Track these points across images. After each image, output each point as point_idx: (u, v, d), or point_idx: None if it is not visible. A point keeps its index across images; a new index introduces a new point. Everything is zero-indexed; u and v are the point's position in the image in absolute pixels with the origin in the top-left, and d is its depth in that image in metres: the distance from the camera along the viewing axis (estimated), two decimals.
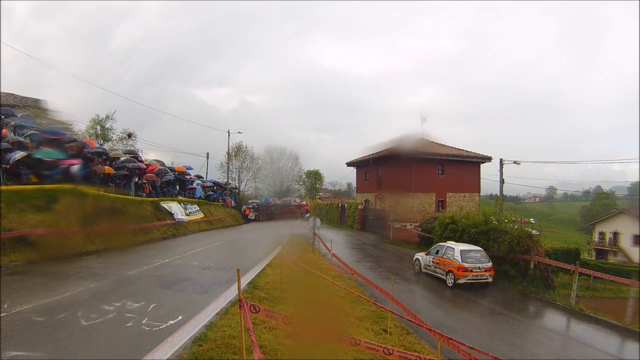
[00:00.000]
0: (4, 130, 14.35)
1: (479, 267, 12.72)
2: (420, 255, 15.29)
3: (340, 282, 10.87)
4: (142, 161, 23.02)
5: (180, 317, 6.14)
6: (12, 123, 15.98)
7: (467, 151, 28.48)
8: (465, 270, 12.67)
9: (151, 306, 6.75)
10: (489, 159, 27.79)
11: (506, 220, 14.85)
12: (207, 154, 37.61)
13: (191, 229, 21.57)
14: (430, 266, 14.27)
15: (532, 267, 12.90)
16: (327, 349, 5.08)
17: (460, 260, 12.85)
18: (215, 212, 28.28)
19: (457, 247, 13.45)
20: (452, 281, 12.83)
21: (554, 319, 10.34)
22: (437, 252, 14.19)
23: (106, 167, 17.39)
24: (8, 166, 12.71)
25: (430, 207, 26.44)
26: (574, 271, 11.64)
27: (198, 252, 14.18)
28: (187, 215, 22.38)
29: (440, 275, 13.59)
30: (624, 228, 43.54)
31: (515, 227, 13.92)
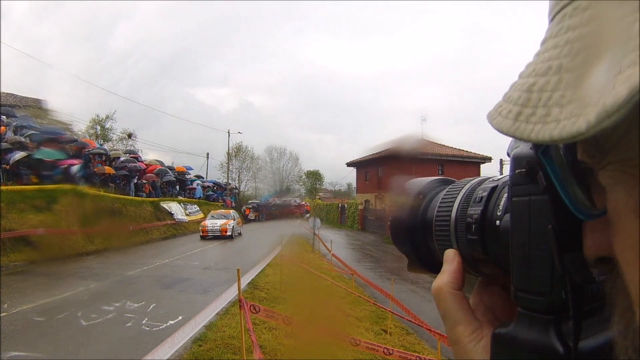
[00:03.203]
0: (1, 128, 14.35)
1: None
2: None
3: (340, 282, 10.86)
4: (142, 161, 23.05)
5: (180, 317, 6.14)
6: (13, 123, 15.99)
7: (467, 151, 28.47)
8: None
9: (151, 306, 6.76)
10: (489, 159, 27.79)
11: None
12: (207, 154, 37.74)
13: (191, 229, 21.59)
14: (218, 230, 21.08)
15: None
16: (327, 349, 5.08)
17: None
18: None
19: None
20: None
21: None
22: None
23: (106, 167, 17.41)
24: (8, 166, 12.73)
25: None
26: None
27: (198, 252, 14.18)
28: (187, 215, 22.41)
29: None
30: None
31: None
